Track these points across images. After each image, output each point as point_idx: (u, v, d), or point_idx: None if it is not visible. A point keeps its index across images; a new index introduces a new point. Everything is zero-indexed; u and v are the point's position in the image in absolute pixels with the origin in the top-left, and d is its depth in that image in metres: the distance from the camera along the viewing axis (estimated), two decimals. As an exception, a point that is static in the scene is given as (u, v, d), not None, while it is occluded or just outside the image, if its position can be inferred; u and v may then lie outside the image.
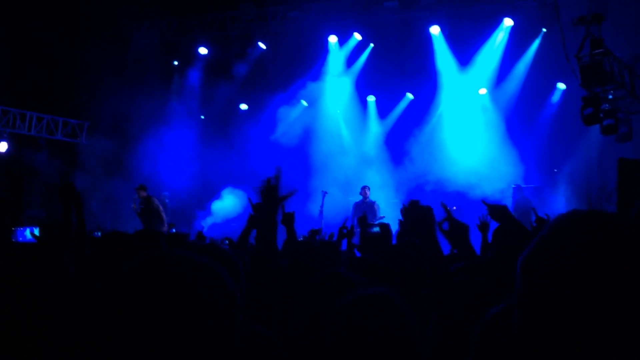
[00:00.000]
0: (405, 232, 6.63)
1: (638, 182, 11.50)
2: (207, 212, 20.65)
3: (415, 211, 3.95)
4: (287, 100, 21.03)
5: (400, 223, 6.70)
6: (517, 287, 1.44)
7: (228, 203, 20.27)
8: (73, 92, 19.64)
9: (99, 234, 12.23)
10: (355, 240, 9.20)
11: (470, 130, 18.76)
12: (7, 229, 5.33)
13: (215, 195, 20.78)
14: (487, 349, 2.15)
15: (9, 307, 2.67)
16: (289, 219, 6.39)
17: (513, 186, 16.63)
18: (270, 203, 4.91)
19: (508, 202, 16.17)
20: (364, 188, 17.31)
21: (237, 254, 3.38)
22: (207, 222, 19.68)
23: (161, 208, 17.16)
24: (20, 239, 15.64)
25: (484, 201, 4.88)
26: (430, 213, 3.93)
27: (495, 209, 4.53)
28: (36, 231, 12.33)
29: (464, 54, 19.09)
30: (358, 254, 7.60)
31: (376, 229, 7.38)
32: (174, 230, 16.28)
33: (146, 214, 16.83)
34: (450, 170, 17.57)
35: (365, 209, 16.33)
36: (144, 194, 17.24)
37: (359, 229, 15.85)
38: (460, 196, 16.54)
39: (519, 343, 1.42)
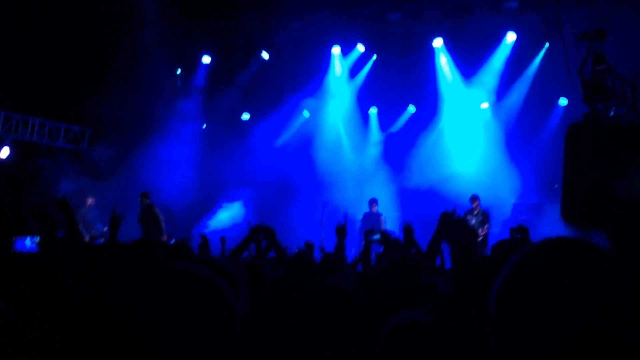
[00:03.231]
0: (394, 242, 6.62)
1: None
2: (204, 226, 20.62)
3: (449, 223, 3.77)
4: (289, 111, 21.05)
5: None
6: (490, 313, 1.45)
7: (224, 218, 20.29)
8: (76, 99, 19.62)
9: (102, 240, 12.21)
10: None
11: (471, 144, 18.76)
12: (8, 237, 5.40)
13: (212, 210, 20.82)
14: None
15: (10, 315, 2.67)
16: (269, 234, 6.61)
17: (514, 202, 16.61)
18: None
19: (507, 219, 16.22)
20: (371, 202, 17.36)
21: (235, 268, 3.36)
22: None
23: (162, 217, 17.22)
24: (19, 248, 15.58)
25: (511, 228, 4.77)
26: (466, 226, 3.72)
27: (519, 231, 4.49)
28: (37, 240, 12.36)
29: (467, 68, 19.12)
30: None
31: (377, 236, 7.42)
32: (172, 240, 16.27)
33: (146, 222, 16.88)
34: (450, 183, 17.54)
35: (372, 221, 16.40)
36: (146, 201, 17.31)
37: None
38: (459, 208, 16.49)
39: None
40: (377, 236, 7.26)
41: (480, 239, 15.29)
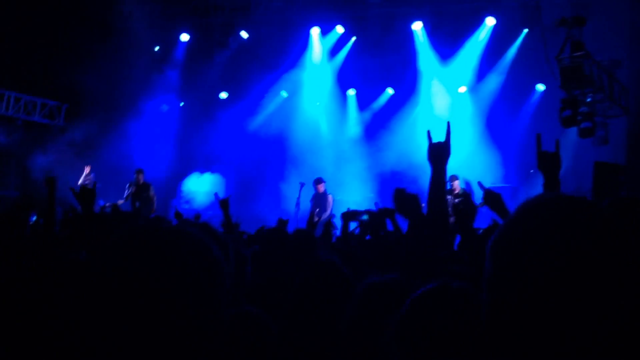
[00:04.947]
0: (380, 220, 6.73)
1: (612, 185, 11.61)
2: (178, 196, 20.63)
3: (403, 198, 3.92)
4: (267, 90, 21.03)
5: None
6: (486, 269, 1.48)
7: (198, 186, 20.29)
8: (53, 73, 19.42)
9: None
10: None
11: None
12: None
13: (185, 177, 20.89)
14: (410, 333, 2.16)
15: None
16: (224, 204, 6.90)
17: (489, 186, 16.73)
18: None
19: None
20: (316, 181, 17.09)
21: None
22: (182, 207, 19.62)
23: (155, 198, 17.21)
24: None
25: (480, 184, 4.90)
26: (417, 201, 3.90)
27: (491, 196, 4.57)
28: None
29: (446, 51, 19.15)
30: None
31: (365, 217, 7.48)
32: (153, 215, 16.24)
33: (140, 200, 16.85)
34: (426, 166, 17.55)
35: (320, 201, 16.41)
36: (142, 178, 17.26)
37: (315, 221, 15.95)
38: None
39: (487, 323, 1.46)
40: (365, 217, 7.32)
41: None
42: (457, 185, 15.65)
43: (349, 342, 2.76)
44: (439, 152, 3.95)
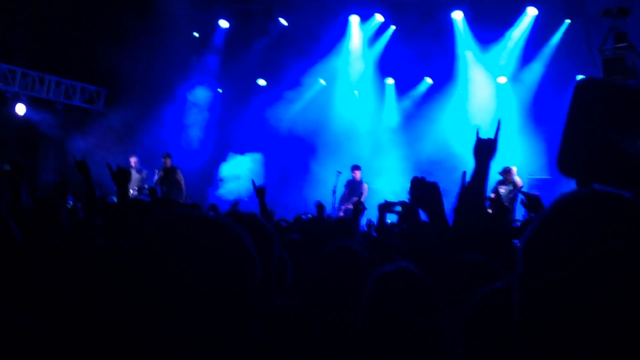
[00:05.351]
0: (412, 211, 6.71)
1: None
2: (216, 184, 20.68)
3: (420, 188, 3.89)
4: (305, 78, 20.99)
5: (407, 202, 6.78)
6: (518, 268, 1.44)
7: (237, 167, 20.30)
8: (94, 59, 19.58)
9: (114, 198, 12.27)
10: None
11: (488, 119, 18.68)
12: (19, 194, 5.59)
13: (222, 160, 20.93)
14: (476, 328, 2.16)
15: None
16: (261, 193, 6.90)
17: (528, 177, 16.52)
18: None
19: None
20: (353, 168, 17.22)
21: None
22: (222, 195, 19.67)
23: (183, 181, 17.26)
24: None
25: (521, 191, 4.90)
26: (436, 189, 3.86)
27: (531, 199, 4.56)
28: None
29: (486, 41, 18.99)
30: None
31: (398, 208, 7.46)
32: (189, 201, 16.32)
33: (167, 184, 16.94)
34: (466, 156, 17.41)
35: (354, 188, 16.50)
36: (169, 162, 17.35)
37: (343, 206, 16.13)
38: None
39: (519, 323, 1.43)
40: (398, 207, 7.29)
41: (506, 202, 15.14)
42: (510, 177, 15.47)
43: (364, 331, 2.79)
44: (485, 149, 3.93)
